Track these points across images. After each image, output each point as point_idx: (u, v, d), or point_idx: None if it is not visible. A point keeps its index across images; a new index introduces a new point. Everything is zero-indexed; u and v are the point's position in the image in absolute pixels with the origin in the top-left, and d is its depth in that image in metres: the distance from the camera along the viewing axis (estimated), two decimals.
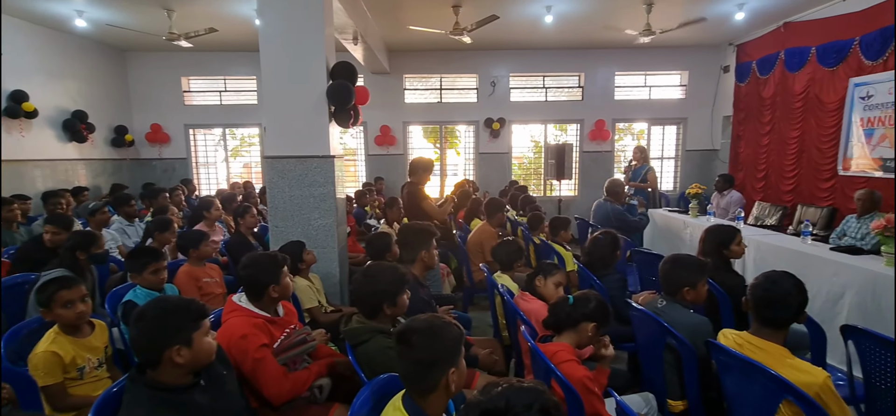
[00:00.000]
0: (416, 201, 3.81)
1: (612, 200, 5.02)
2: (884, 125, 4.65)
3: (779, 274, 1.68)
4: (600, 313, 1.78)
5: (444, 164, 8.36)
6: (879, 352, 1.80)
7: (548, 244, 3.91)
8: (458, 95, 7.92)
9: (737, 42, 6.84)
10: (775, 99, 6.12)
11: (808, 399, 1.38)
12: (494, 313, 2.87)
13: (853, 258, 3.34)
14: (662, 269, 2.18)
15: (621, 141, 8.93)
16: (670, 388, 2.07)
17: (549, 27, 5.94)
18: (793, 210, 5.70)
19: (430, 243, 2.26)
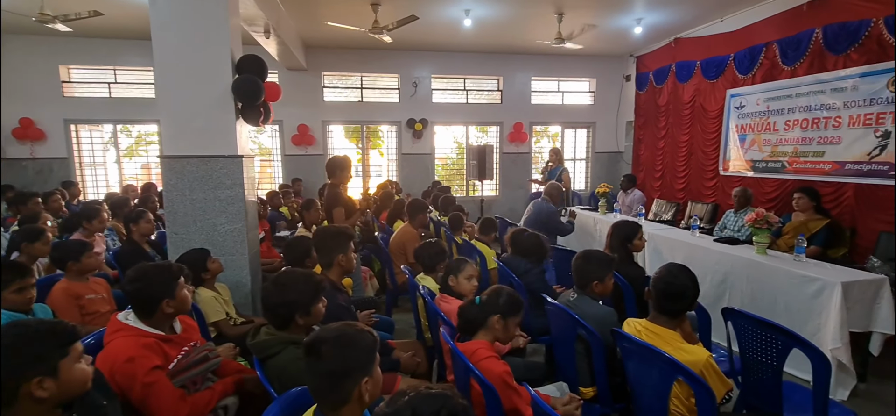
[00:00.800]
0: (334, 204, 3.67)
1: (549, 200, 5.25)
2: (753, 132, 5.36)
3: (678, 269, 1.84)
4: (509, 306, 1.82)
5: (367, 164, 8.21)
6: (752, 330, 2.05)
7: (469, 244, 3.97)
8: (379, 94, 7.81)
9: (636, 54, 7.50)
10: (668, 106, 6.80)
11: (694, 376, 1.53)
12: (417, 314, 2.85)
13: (731, 248, 3.80)
14: (575, 264, 2.31)
15: (539, 143, 9.38)
16: (581, 376, 2.19)
17: (469, 31, 6.07)
18: (685, 206, 6.38)
19: (346, 247, 2.17)
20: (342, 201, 3.63)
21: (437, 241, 3.00)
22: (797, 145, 4.83)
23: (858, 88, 4.19)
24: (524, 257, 3.10)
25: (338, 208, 3.57)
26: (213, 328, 2.59)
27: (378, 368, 1.21)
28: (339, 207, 3.58)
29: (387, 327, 3.09)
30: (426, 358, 2.62)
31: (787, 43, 4.83)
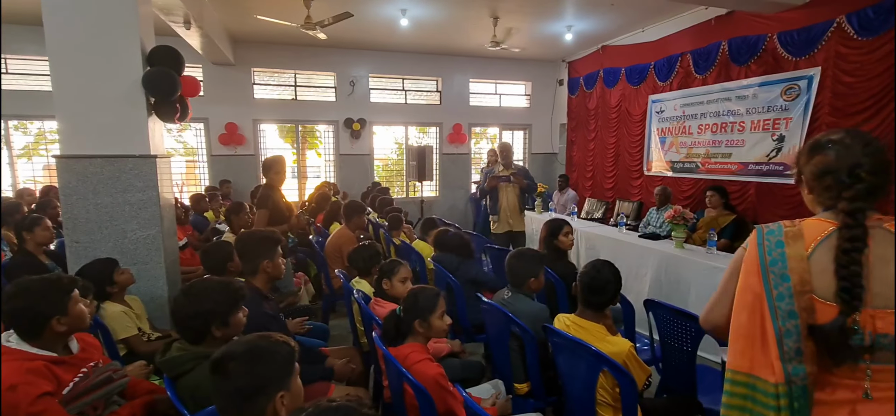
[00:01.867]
0: (260, 206, 3.48)
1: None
2: (672, 135, 5.78)
3: (601, 264, 1.93)
4: (426, 306, 1.81)
5: (304, 165, 7.90)
6: (670, 319, 2.19)
7: (407, 245, 3.93)
8: (315, 92, 7.54)
9: (568, 59, 7.84)
10: (597, 110, 7.17)
11: (617, 367, 1.60)
12: (352, 320, 2.76)
13: (654, 243, 4.06)
14: (508, 264, 2.35)
15: (478, 144, 9.52)
16: (516, 372, 2.23)
17: (407, 31, 6.03)
18: (613, 204, 6.76)
19: (273, 252, 2.05)
20: (269, 204, 3.45)
21: (372, 243, 2.94)
22: (708, 148, 5.27)
23: (758, 96, 4.65)
24: (452, 253, 3.14)
25: (261, 211, 3.39)
26: (123, 346, 2.36)
27: (297, 380, 1.14)
28: (264, 209, 3.40)
29: (321, 334, 2.98)
30: (362, 364, 2.55)
31: (699, 54, 5.26)
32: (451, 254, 3.21)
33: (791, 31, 4.27)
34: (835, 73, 3.94)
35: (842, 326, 0.96)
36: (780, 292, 1.01)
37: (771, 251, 1.05)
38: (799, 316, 0.99)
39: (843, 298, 0.96)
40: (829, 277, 0.98)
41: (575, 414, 1.93)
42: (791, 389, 0.99)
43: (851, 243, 0.96)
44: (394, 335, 1.80)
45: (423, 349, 1.75)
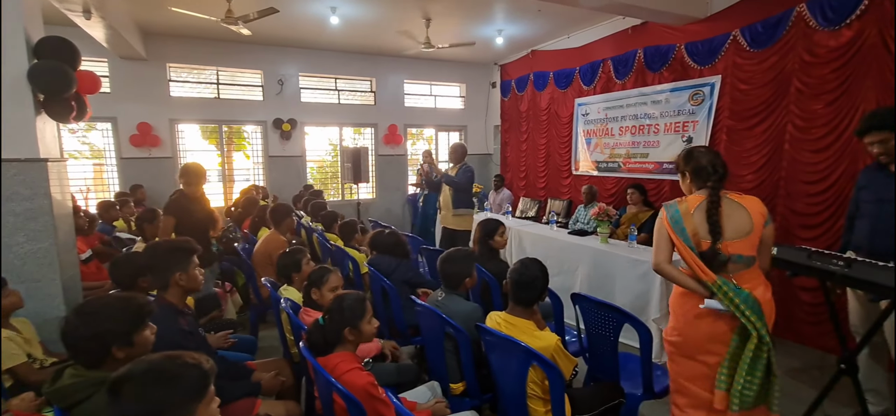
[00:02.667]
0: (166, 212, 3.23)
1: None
2: (596, 136, 6.13)
3: (529, 261, 1.98)
4: (353, 313, 1.77)
5: (230, 168, 7.43)
6: (594, 311, 2.31)
7: (341, 250, 3.82)
8: (240, 91, 7.13)
9: (500, 63, 8.05)
10: (529, 112, 7.43)
11: (545, 360, 1.66)
12: (281, 330, 2.64)
13: (581, 239, 4.27)
14: (440, 267, 2.35)
15: (415, 145, 9.50)
16: (451, 373, 2.24)
17: (338, 29, 5.87)
18: (545, 203, 7.03)
19: (187, 263, 1.89)
20: (176, 210, 3.20)
21: (295, 248, 2.82)
22: (629, 148, 5.65)
23: (670, 100, 5.06)
24: (388, 254, 3.10)
25: (166, 218, 3.14)
26: (10, 376, 2.07)
27: (211, 403, 1.05)
28: (170, 216, 3.15)
29: (248, 348, 2.81)
30: (293, 376, 2.44)
31: (618, 60, 5.62)
32: (388, 255, 3.17)
33: (696, 41, 4.69)
34: (733, 80, 4.38)
35: (713, 250, 1.79)
36: (683, 236, 1.84)
37: (672, 215, 1.88)
38: (694, 248, 1.82)
39: (712, 235, 1.79)
40: (704, 224, 1.82)
41: (508, 410, 1.98)
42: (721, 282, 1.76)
43: (713, 205, 1.81)
44: (321, 345, 1.73)
45: (353, 357, 1.70)
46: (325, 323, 1.76)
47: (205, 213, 3.45)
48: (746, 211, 1.82)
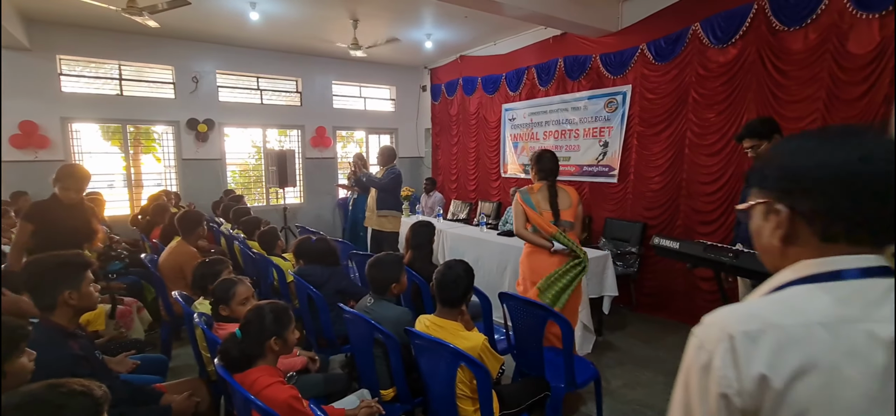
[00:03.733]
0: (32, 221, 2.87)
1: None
2: (523, 140, 6.38)
3: (453, 262, 2.01)
4: (278, 323, 1.69)
5: (138, 172, 6.76)
6: (520, 308, 2.40)
7: (265, 258, 3.63)
8: (148, 88, 6.52)
9: (430, 66, 8.12)
10: (459, 116, 7.56)
11: (472, 360, 1.69)
12: (196, 347, 2.44)
13: (509, 239, 4.41)
14: (369, 272, 2.31)
15: (346, 148, 9.26)
16: (382, 379, 2.21)
17: (259, 26, 5.58)
18: (476, 205, 7.18)
19: (78, 280, 1.68)
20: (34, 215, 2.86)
21: (217, 258, 2.64)
22: None
23: (588, 107, 5.40)
24: (318, 263, 3.00)
25: (23, 225, 2.79)
26: None
27: None
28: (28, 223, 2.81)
29: (157, 368, 2.58)
30: (210, 396, 2.27)
31: (541, 68, 5.90)
32: (318, 264, 3.05)
33: (609, 53, 5.05)
34: (641, 90, 4.78)
35: (555, 220, 2.82)
36: (532, 207, 2.84)
37: (524, 197, 2.89)
38: (541, 215, 2.81)
39: (552, 210, 2.83)
40: (545, 202, 2.84)
41: (438, 411, 1.99)
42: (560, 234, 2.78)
43: (550, 190, 2.86)
44: (240, 360, 1.62)
45: (274, 371, 1.62)
46: (242, 336, 1.65)
47: (80, 223, 3.09)
48: (568, 194, 2.89)
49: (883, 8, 3.13)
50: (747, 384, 0.64)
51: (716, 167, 4.14)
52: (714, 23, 4.08)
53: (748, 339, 0.65)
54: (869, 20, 3.21)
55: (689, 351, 0.71)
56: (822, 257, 0.69)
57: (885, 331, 0.62)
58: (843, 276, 0.67)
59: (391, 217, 4.89)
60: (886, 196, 0.65)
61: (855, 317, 0.64)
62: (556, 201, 2.82)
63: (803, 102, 3.54)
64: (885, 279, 0.66)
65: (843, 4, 3.30)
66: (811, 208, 0.69)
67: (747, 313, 0.68)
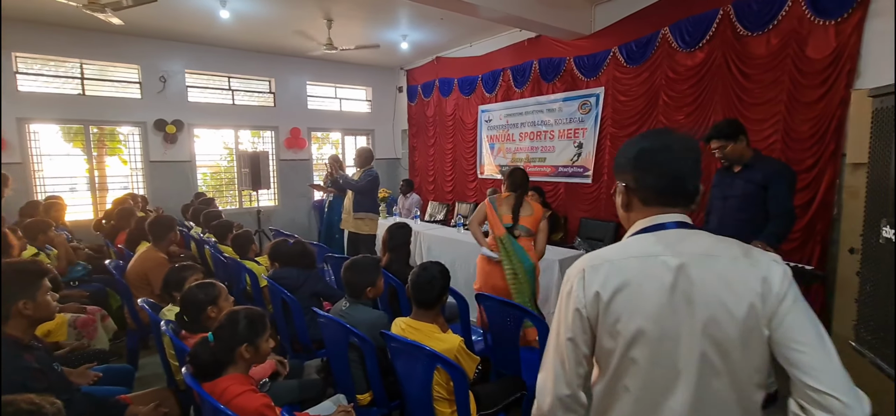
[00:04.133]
0: None
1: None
2: (499, 141, 6.42)
3: (429, 263, 2.00)
4: (252, 329, 1.65)
5: (102, 175, 6.50)
6: (496, 309, 2.41)
7: (237, 262, 3.54)
8: (113, 88, 6.27)
9: (406, 67, 8.09)
10: (435, 118, 7.56)
11: (448, 362, 1.68)
12: (163, 356, 2.36)
13: None
14: (344, 275, 2.28)
15: (321, 149, 9.13)
16: (358, 383, 2.18)
17: (230, 25, 5.45)
18: (453, 206, 7.19)
19: (33, 289, 1.59)
20: None
21: (185, 264, 2.56)
22: (528, 153, 6.01)
23: (562, 109, 5.48)
24: (294, 266, 2.94)
25: None
26: None
27: None
28: None
29: (123, 378, 2.48)
30: (179, 406, 2.20)
31: (517, 70, 5.96)
32: (293, 267, 3.00)
33: (583, 55, 5.14)
34: (613, 92, 4.88)
35: (513, 224, 3.01)
36: (496, 210, 3.06)
37: (492, 199, 3.12)
38: (502, 218, 3.03)
39: (513, 216, 3.02)
40: (509, 209, 3.04)
41: (415, 414, 1.97)
42: (505, 236, 3.00)
43: (517, 200, 3.05)
44: (210, 366, 1.57)
45: (245, 379, 1.57)
46: (215, 340, 1.60)
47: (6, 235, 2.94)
48: (532, 207, 3.09)
49: (838, 15, 3.28)
50: (589, 299, 0.95)
51: None
52: (682, 27, 4.20)
53: (592, 270, 0.96)
54: (826, 26, 3.36)
55: (562, 286, 1.02)
56: (646, 217, 1.01)
57: (674, 261, 0.92)
58: (665, 227, 0.98)
59: (368, 219, 4.84)
60: (669, 173, 0.97)
61: (658, 252, 0.94)
62: (519, 210, 3.04)
63: (766, 104, 3.68)
64: (687, 229, 0.98)
65: (801, 11, 3.45)
66: (629, 183, 1.03)
67: (596, 254, 0.99)
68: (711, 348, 0.89)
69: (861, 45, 3.23)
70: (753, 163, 2.67)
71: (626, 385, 0.95)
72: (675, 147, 0.98)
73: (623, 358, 0.94)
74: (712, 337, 0.89)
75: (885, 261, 1.09)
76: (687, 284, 0.91)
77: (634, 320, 0.92)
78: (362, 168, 4.85)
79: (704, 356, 0.90)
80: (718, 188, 2.86)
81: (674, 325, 0.91)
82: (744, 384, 0.91)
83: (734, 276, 0.91)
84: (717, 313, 0.89)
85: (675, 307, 0.91)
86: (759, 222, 2.60)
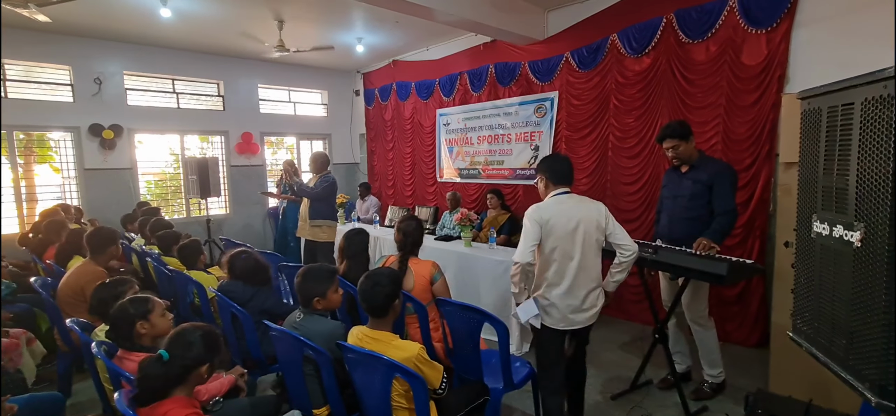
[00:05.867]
0: None
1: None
2: (458, 145, 6.44)
3: (376, 270, 1.95)
4: (209, 348, 1.56)
5: (31, 184, 5.97)
6: (456, 313, 2.38)
7: (183, 275, 3.33)
8: (40, 90, 5.79)
9: (363, 71, 7.97)
10: (393, 121, 7.48)
11: (406, 370, 1.64)
12: (97, 380, 2.18)
13: (448, 244, 4.42)
14: (296, 284, 2.19)
15: (276, 154, 8.83)
16: (314, 397, 2.09)
17: (172, 24, 5.16)
18: (414, 210, 7.13)
19: None
20: None
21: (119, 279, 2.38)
22: (487, 156, 6.06)
23: (519, 113, 5.56)
24: (245, 281, 2.80)
25: None
26: None
27: None
28: None
29: (52, 408, 2.28)
30: None
31: (473, 74, 6.00)
32: (245, 283, 2.84)
33: (537, 60, 5.25)
34: (567, 96, 5.00)
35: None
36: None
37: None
38: None
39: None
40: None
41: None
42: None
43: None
44: (161, 386, 1.45)
45: (188, 402, 1.47)
46: (169, 360, 1.47)
47: None
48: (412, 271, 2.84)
49: (768, 24, 3.52)
50: (540, 219, 2.21)
51: (636, 168, 4.43)
52: (629, 34, 4.37)
53: (537, 209, 2.24)
54: (758, 35, 3.59)
55: (525, 218, 2.28)
56: (554, 191, 2.30)
57: (569, 206, 2.24)
58: (560, 195, 2.29)
59: (326, 227, 4.70)
60: (560, 170, 2.33)
61: (561, 202, 2.26)
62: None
63: (707, 108, 3.89)
64: (569, 195, 2.30)
65: (736, 20, 3.67)
66: (546, 175, 2.35)
67: (538, 205, 2.27)
68: (584, 241, 2.20)
69: (789, 52, 3.48)
70: (699, 163, 2.80)
71: (553, 258, 2.22)
72: (562, 159, 2.38)
73: (551, 247, 2.21)
74: (585, 237, 2.20)
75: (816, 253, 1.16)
76: (575, 215, 2.19)
77: (555, 231, 2.19)
78: (319, 174, 4.71)
79: (583, 244, 2.20)
80: (668, 188, 2.98)
81: (570, 233, 2.19)
82: (595, 255, 2.25)
83: (590, 212, 2.23)
84: (587, 228, 2.20)
85: (569, 226, 2.19)
86: (706, 220, 2.73)
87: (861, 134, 1.00)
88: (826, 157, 1.14)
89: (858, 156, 1.01)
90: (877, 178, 0.95)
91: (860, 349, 1.01)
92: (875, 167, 0.95)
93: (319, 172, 4.70)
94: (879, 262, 0.94)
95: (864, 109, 0.99)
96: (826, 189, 1.14)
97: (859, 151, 1.00)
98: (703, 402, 2.89)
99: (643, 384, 3.13)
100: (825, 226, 1.13)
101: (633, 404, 2.93)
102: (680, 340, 3.13)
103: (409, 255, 2.67)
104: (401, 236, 2.67)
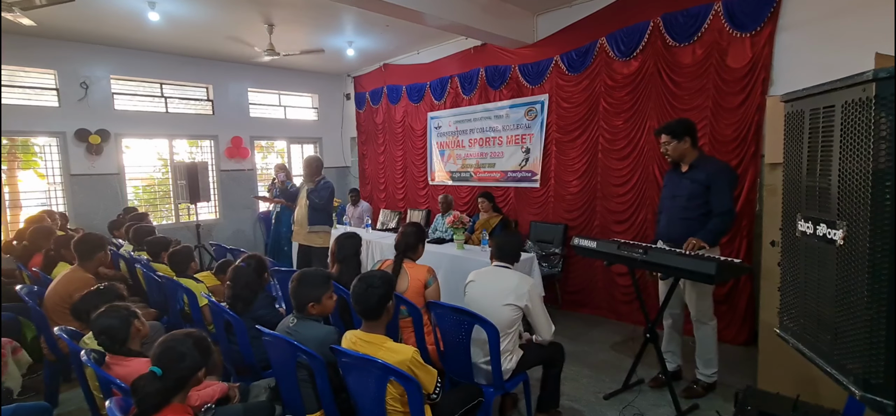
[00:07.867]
0: None
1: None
2: (449, 148, 6.46)
3: (368, 272, 1.96)
4: (202, 356, 1.55)
5: (15, 191, 5.87)
6: (448, 316, 2.39)
7: (174, 282, 3.29)
8: (24, 95, 5.70)
9: (354, 74, 7.96)
10: (384, 125, 7.48)
11: (400, 374, 1.64)
12: (86, 389, 2.14)
13: (440, 247, 4.42)
14: (291, 289, 2.18)
15: (266, 159, 8.77)
16: (308, 403, 2.08)
17: (160, 28, 5.12)
18: (405, 214, 7.13)
19: None
20: None
21: (106, 287, 2.35)
22: (478, 159, 6.08)
23: (509, 115, 5.60)
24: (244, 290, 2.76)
25: None
26: None
27: None
28: None
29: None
30: None
31: (464, 77, 6.03)
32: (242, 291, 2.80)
33: (527, 63, 5.29)
34: (557, 99, 5.05)
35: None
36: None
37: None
38: None
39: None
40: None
41: None
42: None
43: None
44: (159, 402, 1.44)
45: (183, 409, 1.46)
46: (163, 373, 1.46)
47: None
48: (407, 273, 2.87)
49: (752, 28, 3.59)
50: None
51: (626, 170, 4.48)
52: (618, 37, 4.42)
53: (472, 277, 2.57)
54: (742, 38, 3.66)
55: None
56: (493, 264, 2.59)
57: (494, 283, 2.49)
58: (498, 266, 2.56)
59: (322, 232, 4.67)
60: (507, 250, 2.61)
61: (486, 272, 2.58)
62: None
63: (694, 111, 3.95)
64: (502, 269, 2.55)
65: (721, 24, 3.74)
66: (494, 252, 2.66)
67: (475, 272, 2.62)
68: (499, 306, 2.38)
69: (773, 55, 3.55)
70: (698, 163, 2.84)
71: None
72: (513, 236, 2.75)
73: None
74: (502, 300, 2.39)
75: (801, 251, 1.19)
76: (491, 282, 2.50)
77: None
78: (313, 179, 4.66)
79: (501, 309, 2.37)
80: (667, 188, 3.01)
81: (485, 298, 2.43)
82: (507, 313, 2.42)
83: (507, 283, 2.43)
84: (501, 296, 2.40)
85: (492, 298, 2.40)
86: (704, 220, 2.75)
87: (842, 136, 1.03)
88: (809, 158, 1.17)
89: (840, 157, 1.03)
90: (857, 178, 0.98)
91: (845, 345, 1.03)
92: (856, 167, 0.98)
93: (314, 178, 4.65)
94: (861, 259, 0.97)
95: (845, 111, 1.02)
96: (809, 189, 1.16)
97: (841, 152, 1.03)
98: (694, 400, 2.92)
99: (635, 384, 3.16)
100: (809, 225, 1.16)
101: (626, 403, 2.96)
102: (673, 339, 3.17)
103: (404, 257, 2.67)
104: (400, 238, 2.77)
